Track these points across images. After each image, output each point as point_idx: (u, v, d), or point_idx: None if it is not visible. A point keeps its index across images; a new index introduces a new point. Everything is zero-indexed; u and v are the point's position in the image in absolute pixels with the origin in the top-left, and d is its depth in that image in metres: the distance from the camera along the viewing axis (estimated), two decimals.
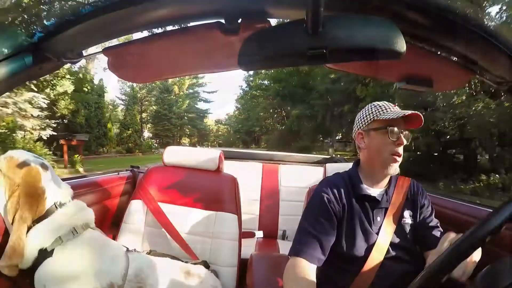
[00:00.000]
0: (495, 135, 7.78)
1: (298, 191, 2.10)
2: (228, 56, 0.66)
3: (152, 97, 27.36)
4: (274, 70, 21.87)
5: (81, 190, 1.24)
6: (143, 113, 25.30)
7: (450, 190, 7.73)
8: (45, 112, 9.10)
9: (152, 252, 1.25)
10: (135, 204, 1.40)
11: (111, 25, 0.60)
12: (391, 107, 0.97)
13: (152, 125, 26.51)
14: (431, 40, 0.60)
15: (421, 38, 0.59)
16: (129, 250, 1.10)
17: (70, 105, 12.37)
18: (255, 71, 25.71)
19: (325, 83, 15.11)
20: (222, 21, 0.58)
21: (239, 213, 1.39)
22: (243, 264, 1.29)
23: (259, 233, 2.06)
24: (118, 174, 1.70)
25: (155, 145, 21.18)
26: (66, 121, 12.14)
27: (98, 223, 1.09)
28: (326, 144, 18.76)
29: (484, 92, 7.97)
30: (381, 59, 0.53)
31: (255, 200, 2.15)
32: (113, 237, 1.32)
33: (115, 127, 18.59)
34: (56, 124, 9.88)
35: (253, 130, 32.12)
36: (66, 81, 11.45)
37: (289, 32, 0.51)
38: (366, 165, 1.01)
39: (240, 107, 34.66)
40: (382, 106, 0.98)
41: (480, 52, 0.60)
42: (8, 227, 0.90)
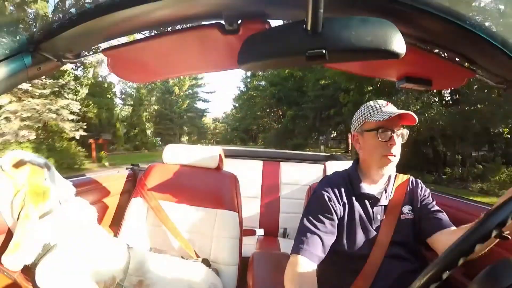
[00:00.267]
0: (452, 136, 9.26)
1: (299, 189, 2.10)
2: (228, 56, 0.66)
3: (153, 97, 28.19)
4: (270, 75, 23.71)
5: (82, 189, 1.24)
6: (144, 112, 25.76)
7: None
8: (76, 116, 10.61)
9: (153, 250, 1.26)
10: (136, 202, 1.40)
11: (111, 26, 0.60)
12: (383, 107, 0.96)
13: (154, 124, 26.94)
14: (430, 40, 0.60)
15: (421, 38, 0.59)
16: (130, 247, 1.11)
17: (94, 109, 14.17)
18: (253, 73, 27.54)
19: (315, 90, 17.02)
20: (222, 22, 0.58)
21: (240, 211, 1.40)
22: (244, 262, 1.30)
23: (260, 231, 2.06)
24: (118, 172, 1.70)
25: (159, 143, 22.16)
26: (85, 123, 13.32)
27: (99, 221, 1.11)
28: (319, 142, 20.24)
29: (439, 102, 9.68)
30: (381, 59, 0.53)
31: (256, 198, 2.16)
32: (114, 235, 1.33)
33: (122, 127, 19.99)
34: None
35: (251, 128, 33.22)
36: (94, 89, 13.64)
37: (289, 33, 0.51)
38: (364, 165, 1.02)
39: (238, 106, 35.61)
40: (374, 107, 0.97)
41: (479, 52, 0.60)
42: (13, 224, 0.92)
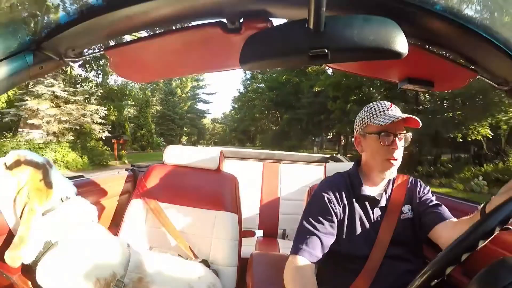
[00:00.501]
0: (423, 140, 10.04)
1: (299, 190, 2.10)
2: (230, 56, 0.66)
3: (154, 98, 28.80)
4: (269, 79, 25.17)
5: (82, 190, 1.24)
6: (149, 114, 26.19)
7: None
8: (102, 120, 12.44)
9: (153, 249, 1.25)
10: (135, 203, 1.40)
11: (113, 25, 0.60)
12: (386, 109, 0.94)
13: (157, 125, 27.37)
14: (433, 40, 0.60)
15: (423, 38, 0.59)
16: (130, 246, 1.11)
17: (115, 113, 15.82)
18: (252, 76, 29.33)
19: (308, 96, 18.60)
20: (224, 21, 0.58)
21: (239, 212, 1.39)
22: (243, 263, 1.29)
23: (259, 232, 2.06)
24: (118, 173, 1.70)
25: (163, 143, 23.17)
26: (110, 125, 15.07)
27: (99, 222, 1.10)
28: (313, 144, 22.04)
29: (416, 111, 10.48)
30: (383, 59, 0.53)
31: (255, 199, 2.16)
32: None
33: (130, 127, 20.98)
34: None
35: (249, 130, 34.31)
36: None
37: (291, 32, 0.51)
38: (365, 167, 1.02)
39: (237, 107, 36.61)
40: (378, 108, 0.96)
41: (481, 52, 0.60)
42: (15, 223, 0.93)
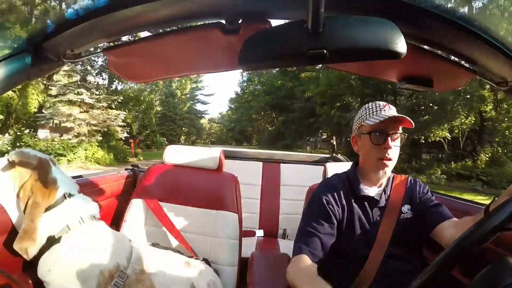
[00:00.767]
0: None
1: (299, 190, 2.09)
2: (229, 56, 0.66)
3: (155, 99, 29.57)
4: (265, 83, 27.26)
5: (83, 189, 1.24)
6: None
7: None
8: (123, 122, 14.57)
9: (154, 245, 1.26)
10: (136, 203, 1.40)
11: (112, 26, 0.60)
12: (379, 109, 0.95)
13: (158, 125, 28.03)
14: (432, 41, 0.60)
15: (422, 39, 0.59)
16: (132, 241, 1.13)
17: (130, 116, 17.86)
18: (249, 78, 31.08)
19: (300, 102, 20.68)
20: (223, 22, 0.57)
21: (240, 212, 1.39)
22: (244, 263, 1.30)
23: (260, 232, 2.06)
24: (119, 173, 1.70)
25: (166, 143, 24.30)
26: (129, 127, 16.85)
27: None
28: (306, 143, 23.91)
29: None
30: (382, 59, 0.53)
31: (256, 199, 2.16)
32: None
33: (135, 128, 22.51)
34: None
35: (246, 130, 35.69)
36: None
37: (290, 32, 0.51)
38: (362, 167, 1.02)
39: (234, 108, 37.97)
40: (371, 109, 0.96)
41: (480, 52, 0.60)
42: (19, 216, 0.94)
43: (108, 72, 14.88)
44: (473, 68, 0.68)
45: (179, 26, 0.63)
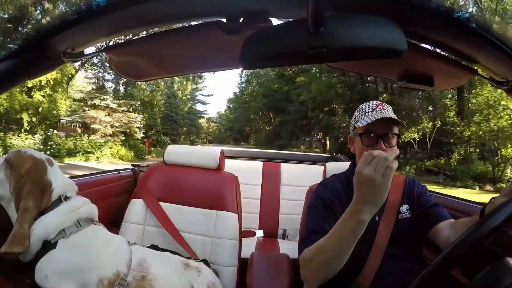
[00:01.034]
0: None
1: (299, 190, 2.09)
2: (230, 55, 0.66)
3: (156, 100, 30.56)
4: (263, 86, 28.41)
5: (83, 189, 1.24)
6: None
7: None
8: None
9: (153, 246, 1.25)
10: (136, 203, 1.40)
11: (113, 24, 0.60)
12: (371, 110, 0.94)
13: (161, 125, 28.36)
14: (432, 39, 0.60)
15: (422, 38, 0.59)
16: (130, 244, 1.11)
17: (144, 118, 19.09)
18: (248, 79, 32.31)
19: (295, 105, 22.37)
20: (224, 20, 0.58)
21: (240, 212, 1.39)
22: (244, 263, 1.29)
23: (260, 232, 2.06)
24: (119, 173, 1.70)
25: (169, 142, 25.64)
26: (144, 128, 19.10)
27: (99, 222, 1.10)
28: (300, 143, 25.73)
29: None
30: (382, 58, 0.53)
31: (256, 199, 2.15)
32: None
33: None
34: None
35: (244, 129, 36.76)
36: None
37: (291, 31, 0.51)
38: None
39: (232, 107, 38.93)
40: (364, 110, 0.96)
41: (481, 51, 0.60)
42: (14, 217, 0.91)
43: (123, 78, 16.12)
44: (474, 67, 0.68)
45: (180, 25, 0.63)
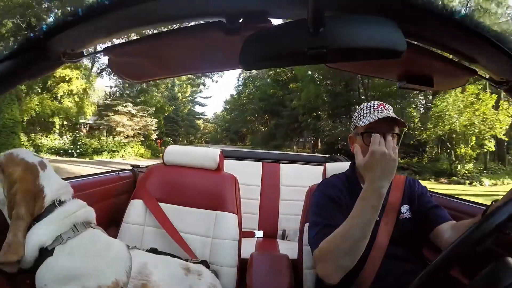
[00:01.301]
0: None
1: (298, 191, 2.09)
2: (229, 56, 0.66)
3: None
4: (259, 91, 30.33)
5: (82, 190, 1.24)
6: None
7: None
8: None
9: (152, 249, 1.25)
10: (135, 204, 1.40)
11: (112, 25, 0.60)
12: (373, 110, 0.95)
13: (163, 126, 29.08)
14: (432, 40, 0.60)
15: (422, 38, 0.59)
16: (130, 248, 1.10)
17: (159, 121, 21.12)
18: (245, 83, 33.43)
19: (287, 110, 24.37)
20: (223, 21, 0.58)
21: (239, 213, 1.39)
22: (243, 264, 1.29)
23: (259, 233, 2.06)
24: (119, 174, 1.70)
25: (171, 142, 26.77)
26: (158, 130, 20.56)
27: (98, 223, 1.09)
28: (293, 144, 27.57)
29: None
30: (382, 59, 0.53)
31: (255, 200, 2.15)
32: (113, 237, 1.31)
33: None
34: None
35: (240, 130, 37.83)
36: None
37: (290, 32, 0.51)
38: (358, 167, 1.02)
39: (228, 108, 39.86)
40: (365, 109, 0.97)
41: (480, 51, 0.60)
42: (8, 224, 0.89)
43: (136, 85, 18.20)
44: (473, 67, 0.68)
45: (180, 25, 0.63)
